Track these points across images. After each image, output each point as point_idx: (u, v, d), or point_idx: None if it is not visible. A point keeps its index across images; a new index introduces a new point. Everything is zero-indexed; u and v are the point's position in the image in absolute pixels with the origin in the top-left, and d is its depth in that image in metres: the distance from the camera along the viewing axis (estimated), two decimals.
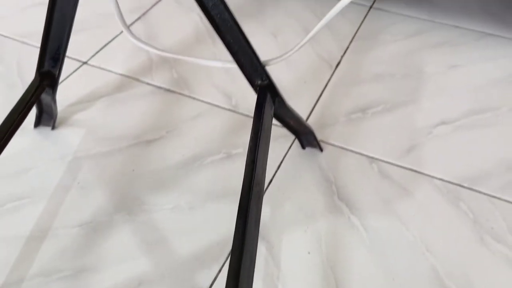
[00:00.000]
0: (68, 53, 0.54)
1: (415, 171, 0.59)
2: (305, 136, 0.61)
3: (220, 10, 0.45)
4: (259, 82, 0.51)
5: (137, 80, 0.72)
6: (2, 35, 0.80)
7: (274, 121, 0.53)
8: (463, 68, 0.74)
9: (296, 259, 0.50)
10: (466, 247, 0.51)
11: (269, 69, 0.50)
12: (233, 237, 0.36)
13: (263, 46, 0.78)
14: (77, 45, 0.74)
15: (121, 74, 0.73)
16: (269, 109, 0.51)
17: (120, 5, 0.68)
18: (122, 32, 0.80)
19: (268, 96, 0.51)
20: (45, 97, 0.55)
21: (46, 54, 0.50)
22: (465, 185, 0.57)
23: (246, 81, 0.51)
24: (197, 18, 0.83)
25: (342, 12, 0.87)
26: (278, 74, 0.72)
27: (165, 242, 0.52)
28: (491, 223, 0.54)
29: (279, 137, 0.63)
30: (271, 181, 0.58)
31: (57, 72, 0.51)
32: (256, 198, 0.41)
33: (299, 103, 0.68)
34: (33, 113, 0.61)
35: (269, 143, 0.48)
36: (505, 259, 0.50)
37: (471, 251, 0.51)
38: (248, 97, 0.68)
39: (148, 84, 0.71)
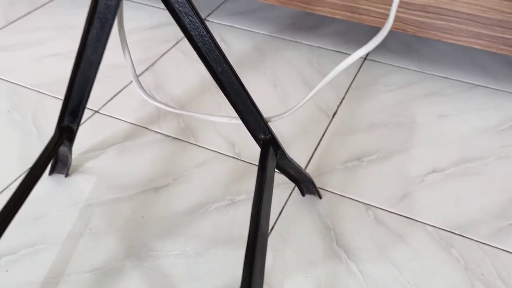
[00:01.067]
0: None
1: (409, 218, 0.63)
2: (304, 184, 0.65)
3: (228, 75, 0.50)
4: (262, 136, 0.55)
5: (146, 128, 0.76)
6: (19, 85, 0.85)
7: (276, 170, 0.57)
8: (452, 118, 0.79)
9: None
10: None
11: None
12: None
13: (264, 97, 0.83)
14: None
15: (130, 123, 0.77)
16: (271, 162, 0.55)
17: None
18: (131, 82, 0.85)
19: (271, 150, 0.55)
20: (62, 148, 0.59)
21: (66, 110, 0.54)
22: (456, 232, 0.61)
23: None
24: (203, 69, 0.88)
25: (338, 62, 0.93)
26: (279, 123, 0.77)
27: (172, 287, 0.54)
28: (481, 269, 0.57)
29: (281, 184, 0.67)
30: (273, 227, 0.61)
31: (76, 126, 0.55)
32: (261, 248, 0.44)
33: (298, 151, 0.72)
34: None
35: (272, 195, 0.52)
36: None
37: None
38: (250, 145, 0.72)
39: (156, 132, 0.76)
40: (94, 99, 0.81)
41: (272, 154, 0.55)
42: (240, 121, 0.55)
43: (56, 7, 1.08)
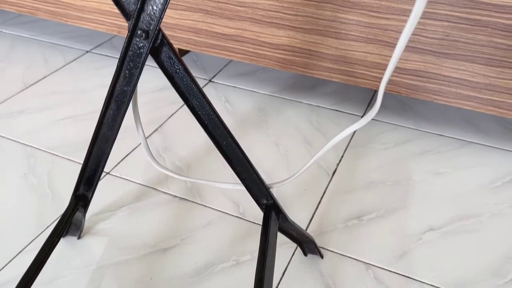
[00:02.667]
0: None
1: (407, 277, 0.65)
2: (306, 244, 0.67)
3: (232, 147, 0.54)
4: (265, 201, 0.59)
5: (155, 189, 0.80)
6: (35, 148, 0.89)
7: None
8: (447, 175, 0.82)
9: None
10: None
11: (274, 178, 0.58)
12: None
13: (267, 156, 0.87)
14: None
15: (140, 184, 0.81)
16: (274, 226, 0.58)
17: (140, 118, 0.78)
18: (140, 144, 0.89)
19: (273, 214, 0.59)
20: (77, 214, 0.62)
21: (82, 179, 0.58)
22: None
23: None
24: None
25: (337, 121, 0.98)
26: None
27: None
28: None
29: (284, 244, 0.70)
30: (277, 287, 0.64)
31: (91, 194, 0.59)
32: None
33: (300, 210, 0.76)
34: None
35: (275, 258, 0.55)
36: None
37: None
38: (254, 205, 0.76)
39: (164, 193, 0.79)
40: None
41: (274, 218, 0.58)
42: (244, 187, 0.58)
43: (70, 72, 1.15)
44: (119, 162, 0.86)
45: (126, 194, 0.79)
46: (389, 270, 0.66)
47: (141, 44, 0.45)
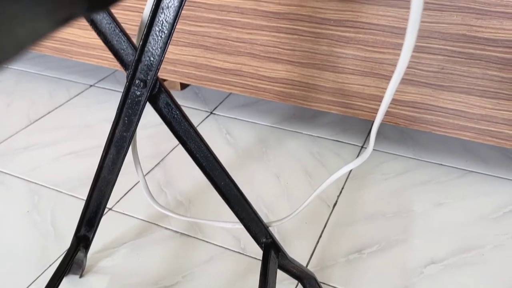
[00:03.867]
0: None
1: None
2: (307, 280, 0.67)
3: (230, 188, 0.55)
4: (264, 240, 0.60)
5: (157, 225, 0.81)
6: (39, 184, 0.91)
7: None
8: (448, 206, 0.82)
9: None
10: None
11: (274, 209, 0.58)
12: None
13: (267, 188, 0.88)
14: None
15: (142, 220, 0.82)
16: (273, 265, 0.58)
17: (141, 151, 0.80)
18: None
19: (272, 253, 0.59)
20: (79, 254, 0.63)
21: (84, 220, 0.59)
22: None
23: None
24: None
25: (337, 152, 0.98)
26: (282, 214, 0.81)
27: None
28: None
29: (284, 280, 0.69)
30: None
31: (92, 235, 0.60)
32: None
33: (301, 244, 0.76)
34: None
35: None
36: None
37: None
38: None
39: (166, 228, 0.80)
40: None
41: (273, 257, 0.59)
42: (243, 226, 0.59)
43: (74, 106, 1.17)
44: (121, 198, 0.87)
45: (128, 230, 0.80)
46: None
47: (139, 93, 0.46)
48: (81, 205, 0.84)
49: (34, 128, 1.09)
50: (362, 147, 0.99)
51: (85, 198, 0.85)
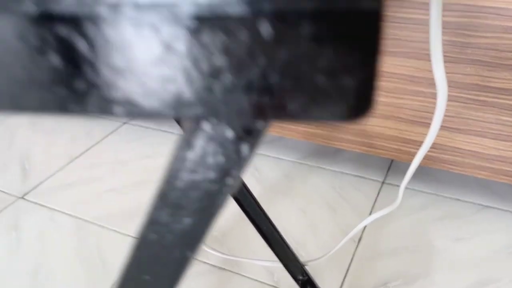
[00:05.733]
0: None
1: None
2: None
3: (272, 232, 0.61)
4: (301, 277, 0.66)
5: (196, 259, 0.87)
6: (84, 220, 0.98)
7: None
8: (466, 241, 0.88)
9: None
10: None
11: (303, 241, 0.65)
12: None
13: (295, 225, 0.94)
14: None
15: None
16: None
17: None
18: None
19: None
20: None
21: None
22: None
23: None
24: None
25: (358, 187, 1.05)
26: (310, 249, 0.87)
27: None
28: None
29: None
30: None
31: None
32: None
33: (330, 279, 0.82)
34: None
35: None
36: None
37: None
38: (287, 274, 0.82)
39: (204, 263, 0.86)
40: None
41: None
42: (281, 264, 0.65)
43: (110, 143, 1.25)
44: None
45: None
46: None
47: None
48: (124, 240, 0.91)
49: (75, 165, 1.17)
50: (383, 182, 1.05)
51: (127, 233, 0.93)
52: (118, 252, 0.90)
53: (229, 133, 0.17)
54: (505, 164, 0.86)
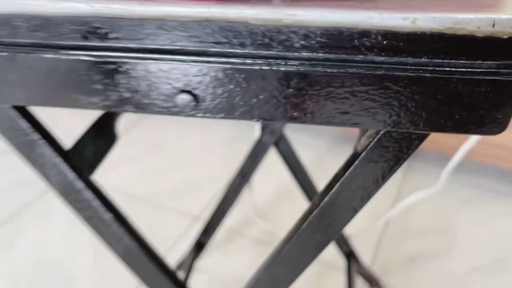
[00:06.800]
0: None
1: None
2: (372, 281, 0.83)
3: None
4: (345, 248, 0.75)
5: (241, 232, 0.97)
6: (131, 196, 1.07)
7: None
8: (487, 223, 0.97)
9: None
10: None
11: None
12: None
13: None
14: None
15: (229, 227, 0.98)
16: (354, 269, 0.74)
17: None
18: None
19: (352, 259, 0.75)
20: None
21: (204, 230, 0.75)
22: None
23: None
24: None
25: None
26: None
27: None
28: None
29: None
30: None
31: (207, 241, 0.77)
32: None
33: (364, 252, 0.91)
34: None
35: None
36: None
37: None
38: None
39: (249, 236, 0.96)
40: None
41: (353, 263, 0.74)
42: None
43: (148, 125, 1.34)
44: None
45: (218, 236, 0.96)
46: None
47: (265, 142, 0.63)
48: (171, 216, 1.01)
49: (117, 146, 1.26)
50: (408, 166, 1.14)
51: (172, 209, 1.02)
52: (164, 227, 0.99)
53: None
54: None
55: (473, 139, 0.54)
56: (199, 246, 0.77)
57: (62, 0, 0.22)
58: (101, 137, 0.35)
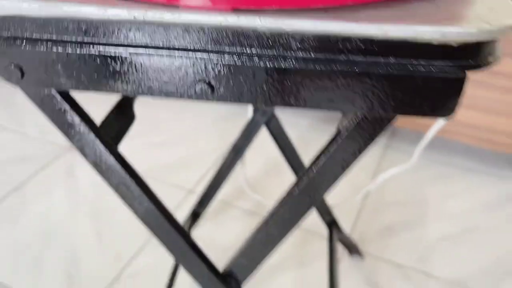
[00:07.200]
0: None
1: (426, 272, 0.89)
2: (354, 249, 0.91)
3: None
4: (327, 217, 0.83)
5: (232, 204, 1.04)
6: None
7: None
8: (456, 197, 1.06)
9: None
10: None
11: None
12: None
13: None
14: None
15: (220, 200, 1.05)
16: (335, 237, 0.82)
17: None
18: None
19: (334, 228, 0.83)
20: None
21: (200, 201, 0.82)
22: (460, 283, 0.87)
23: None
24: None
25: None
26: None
27: None
28: None
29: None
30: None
31: (202, 211, 0.83)
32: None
33: (345, 223, 0.99)
34: None
35: (337, 261, 0.79)
36: None
37: None
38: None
39: (239, 208, 1.03)
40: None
41: (335, 231, 0.82)
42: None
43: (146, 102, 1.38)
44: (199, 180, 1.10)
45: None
46: (412, 268, 0.90)
47: (258, 120, 0.69)
48: (167, 189, 1.07)
49: None
50: (386, 144, 1.22)
51: (170, 184, 1.09)
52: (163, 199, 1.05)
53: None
54: (494, 135, 1.03)
55: (440, 121, 0.61)
56: (195, 215, 0.83)
57: (110, 8, 0.28)
58: (122, 116, 0.41)
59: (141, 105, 1.40)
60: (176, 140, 1.24)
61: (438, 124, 0.62)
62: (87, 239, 0.96)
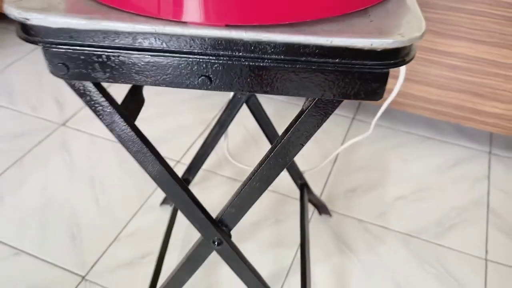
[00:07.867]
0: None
1: (385, 227, 1.04)
2: (321, 208, 1.05)
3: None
4: (299, 181, 0.96)
5: (214, 172, 1.16)
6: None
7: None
8: (412, 161, 1.21)
9: None
10: None
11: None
12: None
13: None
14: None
15: (204, 169, 1.17)
16: (306, 197, 0.95)
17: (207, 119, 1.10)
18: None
19: (305, 190, 0.96)
20: None
21: (188, 170, 0.94)
22: (414, 235, 1.02)
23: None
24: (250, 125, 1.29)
25: (334, 120, 1.34)
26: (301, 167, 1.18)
27: None
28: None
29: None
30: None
31: (191, 179, 0.95)
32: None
33: (315, 186, 1.13)
34: None
35: (308, 218, 0.93)
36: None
37: None
38: (285, 182, 1.13)
39: (221, 175, 1.16)
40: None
41: (306, 192, 0.96)
42: (285, 173, 0.95)
43: None
44: (186, 151, 1.21)
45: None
46: (373, 223, 1.05)
47: (240, 96, 0.81)
48: None
49: None
50: (353, 118, 1.36)
51: (163, 155, 1.20)
52: None
53: None
54: (445, 107, 1.18)
55: (391, 96, 0.74)
56: (185, 182, 0.95)
57: (137, 24, 0.39)
58: (136, 99, 0.52)
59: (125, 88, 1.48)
60: (159, 116, 1.35)
61: (387, 101, 0.75)
62: (86, 205, 1.07)
